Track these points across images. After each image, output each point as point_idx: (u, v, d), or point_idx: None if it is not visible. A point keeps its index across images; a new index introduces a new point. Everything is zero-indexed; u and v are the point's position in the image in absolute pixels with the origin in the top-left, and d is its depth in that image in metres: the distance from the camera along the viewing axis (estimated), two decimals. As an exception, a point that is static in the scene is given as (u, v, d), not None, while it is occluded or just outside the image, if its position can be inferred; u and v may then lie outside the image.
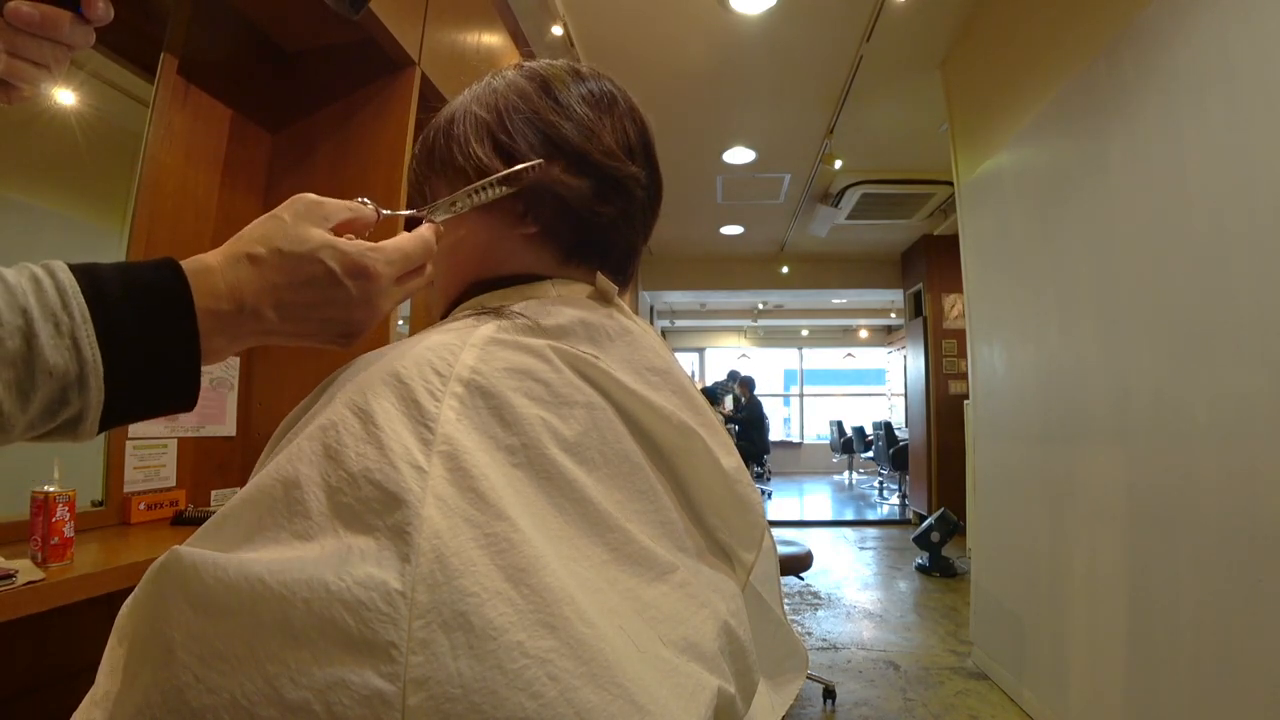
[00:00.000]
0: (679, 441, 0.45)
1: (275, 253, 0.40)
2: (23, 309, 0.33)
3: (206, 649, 0.28)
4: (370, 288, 0.43)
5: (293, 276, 0.40)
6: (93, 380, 0.34)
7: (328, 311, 0.42)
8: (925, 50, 3.21)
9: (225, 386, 1.74)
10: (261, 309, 0.40)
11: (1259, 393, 1.42)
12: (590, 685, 0.29)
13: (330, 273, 0.41)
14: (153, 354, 0.37)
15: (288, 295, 0.40)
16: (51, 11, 0.41)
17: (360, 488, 0.31)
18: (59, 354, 0.33)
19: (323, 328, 0.43)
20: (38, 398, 0.33)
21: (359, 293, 0.42)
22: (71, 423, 0.35)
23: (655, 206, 0.57)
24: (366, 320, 0.44)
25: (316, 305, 0.41)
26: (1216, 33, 1.54)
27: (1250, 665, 1.42)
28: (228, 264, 0.40)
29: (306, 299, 0.41)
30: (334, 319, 0.43)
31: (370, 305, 0.43)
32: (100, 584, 1.03)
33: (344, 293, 0.42)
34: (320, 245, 0.41)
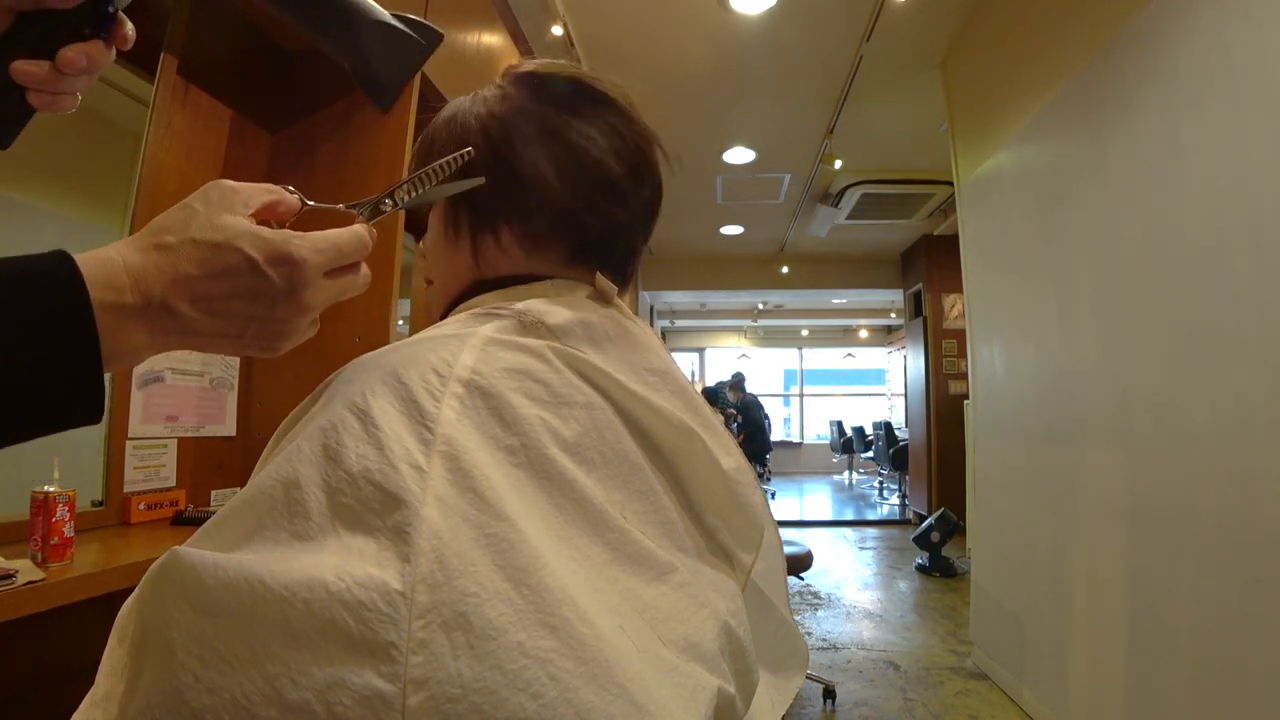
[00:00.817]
0: (679, 442, 0.45)
1: (188, 242, 0.37)
2: None
3: (206, 649, 0.28)
4: (295, 276, 0.39)
5: (208, 266, 0.37)
6: None
7: (250, 306, 0.38)
8: (925, 50, 3.21)
9: (225, 386, 1.74)
10: (174, 302, 0.36)
11: (1259, 392, 1.42)
12: (590, 685, 0.29)
13: (250, 260, 0.37)
14: (46, 353, 0.32)
15: (204, 287, 0.36)
16: (94, 50, 0.40)
17: (360, 488, 0.31)
18: None
19: (247, 326, 0.39)
20: None
21: (283, 282, 0.38)
22: None
23: (655, 208, 0.57)
24: (292, 316, 0.40)
25: (236, 297, 0.37)
26: (1216, 32, 1.54)
27: (1250, 665, 1.42)
28: (132, 253, 0.36)
29: (224, 290, 0.37)
30: (257, 315, 0.39)
31: (295, 297, 0.39)
32: (100, 584, 1.03)
33: (266, 283, 0.38)
34: (239, 233, 0.38)
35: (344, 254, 0.41)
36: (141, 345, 0.36)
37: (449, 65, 1.95)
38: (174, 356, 1.59)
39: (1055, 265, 2.29)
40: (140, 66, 1.48)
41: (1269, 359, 1.39)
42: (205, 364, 1.68)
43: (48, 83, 0.40)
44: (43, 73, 0.39)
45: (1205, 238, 1.58)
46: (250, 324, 0.39)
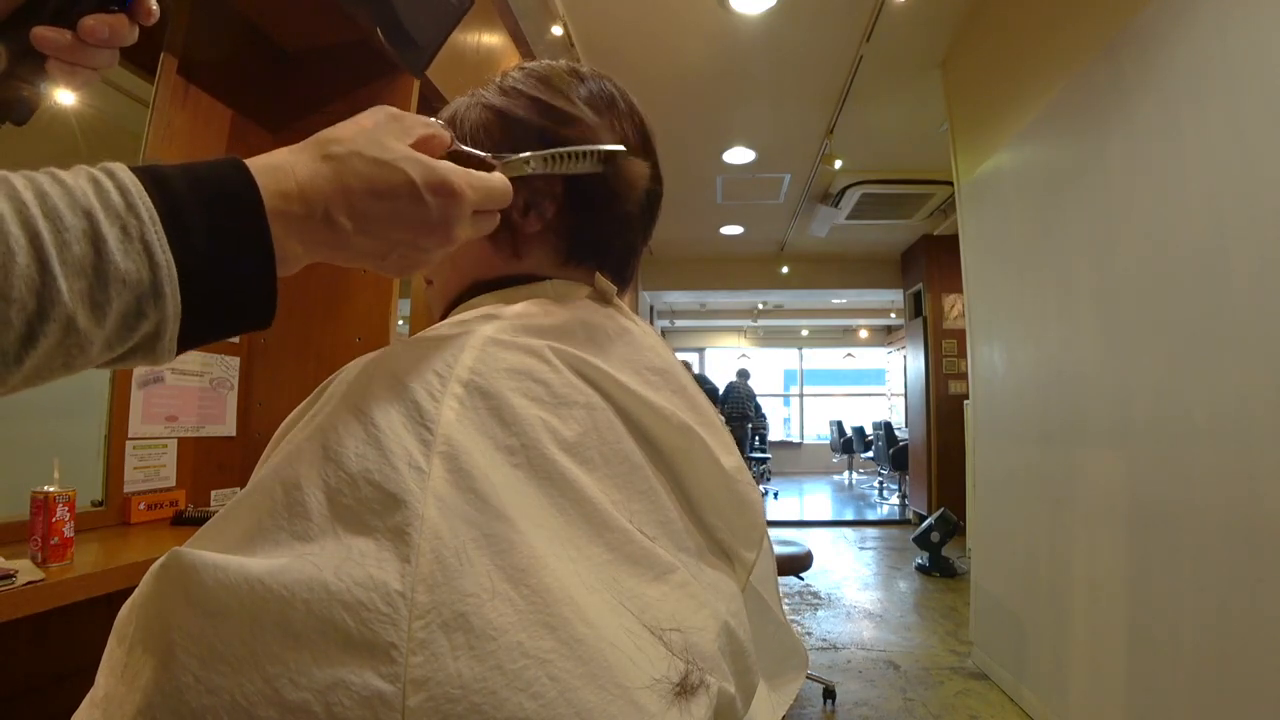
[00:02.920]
0: (679, 442, 0.45)
1: (355, 155, 0.37)
2: (85, 210, 0.29)
3: (206, 650, 0.28)
4: (451, 207, 0.39)
5: (372, 183, 0.37)
6: (168, 289, 0.31)
7: (402, 229, 0.39)
8: (925, 50, 3.21)
9: (225, 386, 1.74)
10: (335, 215, 0.36)
11: (1259, 392, 1.42)
12: (590, 685, 0.29)
13: (412, 184, 0.38)
14: (225, 260, 0.33)
15: (365, 204, 0.37)
16: (117, 22, 0.41)
17: (360, 489, 0.31)
18: (130, 260, 0.30)
19: (393, 249, 0.39)
20: (113, 311, 0.30)
21: (439, 212, 0.39)
22: (149, 340, 0.32)
23: (655, 207, 0.57)
24: (438, 246, 0.41)
25: (393, 220, 0.38)
26: (1216, 32, 1.54)
27: (1250, 665, 1.42)
28: (300, 162, 0.36)
29: (384, 211, 0.38)
30: (405, 240, 0.39)
31: (447, 229, 0.40)
32: (100, 584, 1.03)
33: (423, 209, 0.38)
34: (404, 155, 0.38)
35: (492, 198, 0.42)
36: (298, 256, 0.36)
37: (448, 66, 1.95)
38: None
39: (1055, 265, 2.29)
40: (140, 66, 1.48)
41: (1269, 359, 1.39)
42: (205, 364, 1.68)
43: (68, 52, 0.40)
44: (64, 41, 0.39)
45: (1205, 237, 1.58)
46: (396, 247, 0.39)
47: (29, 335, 0.28)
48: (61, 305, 0.28)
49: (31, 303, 0.28)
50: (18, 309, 0.28)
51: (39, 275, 0.28)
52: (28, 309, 0.28)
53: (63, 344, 0.29)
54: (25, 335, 0.28)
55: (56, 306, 0.28)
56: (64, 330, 0.29)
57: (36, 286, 0.28)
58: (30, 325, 0.28)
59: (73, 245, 0.29)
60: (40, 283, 0.28)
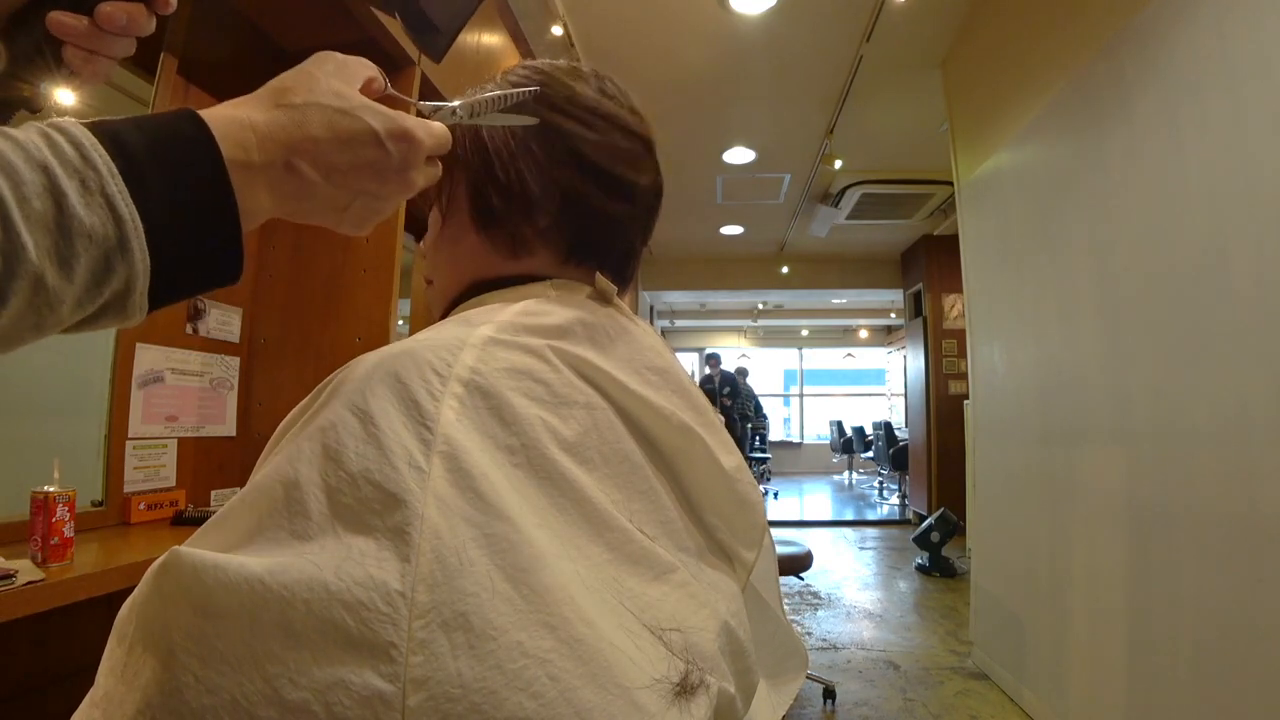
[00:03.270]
0: (679, 442, 0.45)
1: (314, 105, 0.37)
2: (41, 164, 0.28)
3: (206, 649, 0.28)
4: (410, 154, 0.40)
5: (335, 132, 0.37)
6: (135, 243, 0.30)
7: (364, 178, 0.39)
8: (925, 50, 3.21)
9: (225, 386, 1.74)
10: (297, 162, 0.36)
11: (1258, 393, 1.42)
12: (590, 685, 0.29)
13: (374, 132, 0.38)
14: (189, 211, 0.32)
15: (327, 152, 0.37)
16: (135, 9, 0.40)
17: (360, 488, 0.31)
18: (93, 214, 0.29)
19: (354, 198, 0.39)
20: (81, 267, 0.29)
21: (399, 159, 0.39)
22: (119, 297, 0.31)
23: (656, 207, 0.57)
24: (397, 193, 0.41)
25: (356, 168, 0.38)
26: (1216, 32, 1.54)
27: (1250, 665, 1.42)
28: (256, 112, 0.35)
29: (346, 160, 0.37)
30: (368, 190, 0.39)
31: (405, 175, 0.40)
32: (100, 584, 1.03)
33: (385, 156, 0.38)
34: (362, 104, 0.38)
35: (442, 144, 0.42)
36: (264, 207, 0.36)
37: (448, 65, 1.95)
38: (173, 356, 1.59)
39: (1055, 265, 2.29)
40: (140, 66, 1.48)
41: (1269, 359, 1.39)
42: (205, 365, 1.68)
43: (85, 38, 0.40)
44: (81, 26, 0.39)
45: (1205, 237, 1.58)
46: (358, 197, 0.39)
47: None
48: (28, 263, 0.28)
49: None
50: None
51: (2, 232, 0.27)
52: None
53: (32, 304, 0.28)
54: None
55: (23, 264, 0.27)
56: (33, 289, 0.28)
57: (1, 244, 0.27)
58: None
59: (32, 200, 0.28)
60: (4, 239, 0.27)
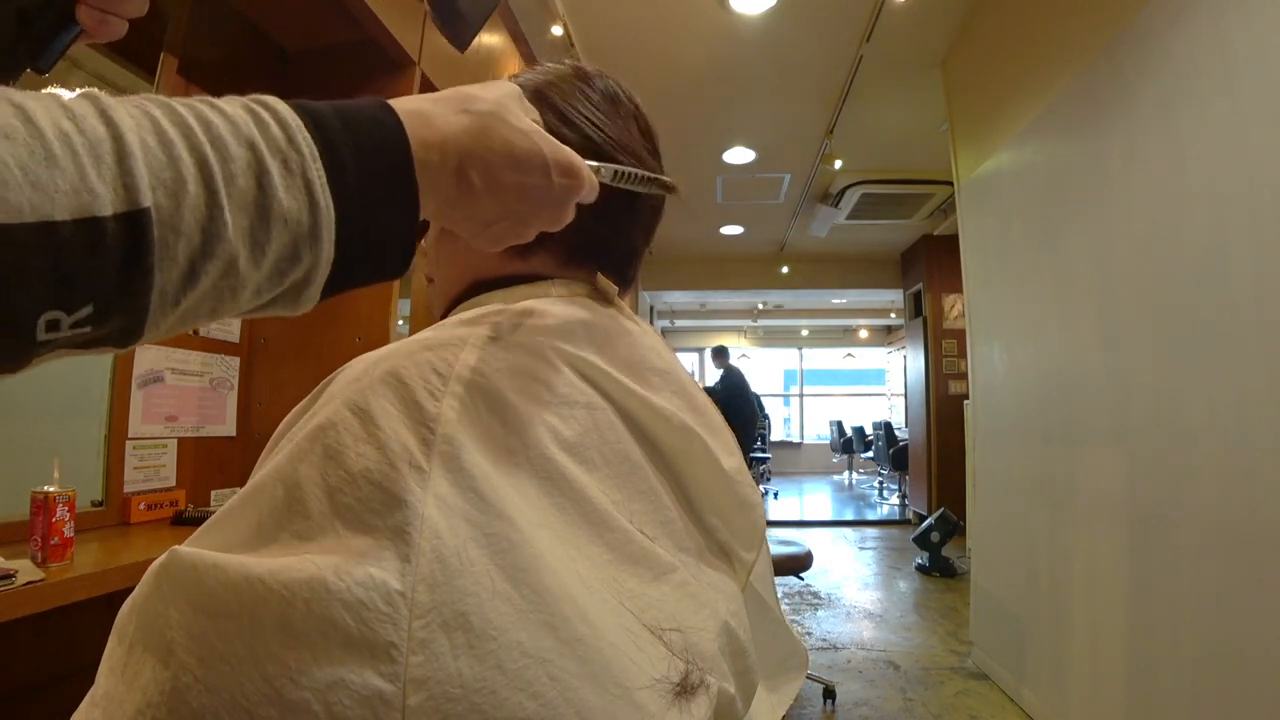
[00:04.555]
0: (679, 442, 0.45)
1: (495, 117, 0.36)
2: (249, 141, 0.28)
3: (206, 649, 0.28)
4: (572, 189, 0.39)
5: (511, 150, 0.36)
6: (325, 233, 0.29)
7: (525, 201, 0.38)
8: (925, 50, 3.21)
9: (225, 386, 1.74)
10: (469, 172, 0.35)
11: (1258, 392, 1.42)
12: (590, 685, 0.29)
13: (544, 159, 0.37)
14: (376, 205, 0.31)
15: (500, 167, 0.36)
16: None
17: (360, 488, 0.31)
18: (292, 198, 0.28)
19: (505, 217, 0.38)
20: (271, 252, 0.28)
21: (560, 194, 0.38)
22: (297, 287, 0.30)
23: (659, 208, 0.57)
24: (545, 224, 0.40)
25: (520, 190, 0.37)
26: (1216, 32, 1.54)
27: (1250, 664, 1.42)
28: (441, 113, 0.35)
29: (513, 181, 0.36)
30: (520, 214, 0.38)
31: (560, 210, 0.39)
32: (100, 584, 1.03)
33: (548, 185, 0.38)
34: (536, 129, 0.38)
35: (593, 193, 0.42)
36: (425, 209, 0.35)
37: (448, 66, 1.95)
38: (173, 356, 1.59)
39: (1055, 265, 2.29)
40: (140, 66, 1.48)
41: (1269, 359, 1.39)
42: (205, 364, 1.68)
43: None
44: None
45: (1205, 237, 1.58)
46: (509, 217, 0.38)
47: (191, 273, 0.26)
48: (226, 242, 0.27)
49: (197, 238, 0.26)
50: (185, 244, 0.25)
51: (207, 208, 0.26)
52: (193, 244, 0.26)
53: (218, 286, 0.27)
54: (188, 273, 0.26)
55: (222, 243, 0.26)
56: (224, 270, 0.27)
57: (204, 220, 0.26)
58: (193, 263, 0.26)
59: (238, 178, 0.27)
60: (208, 216, 0.26)
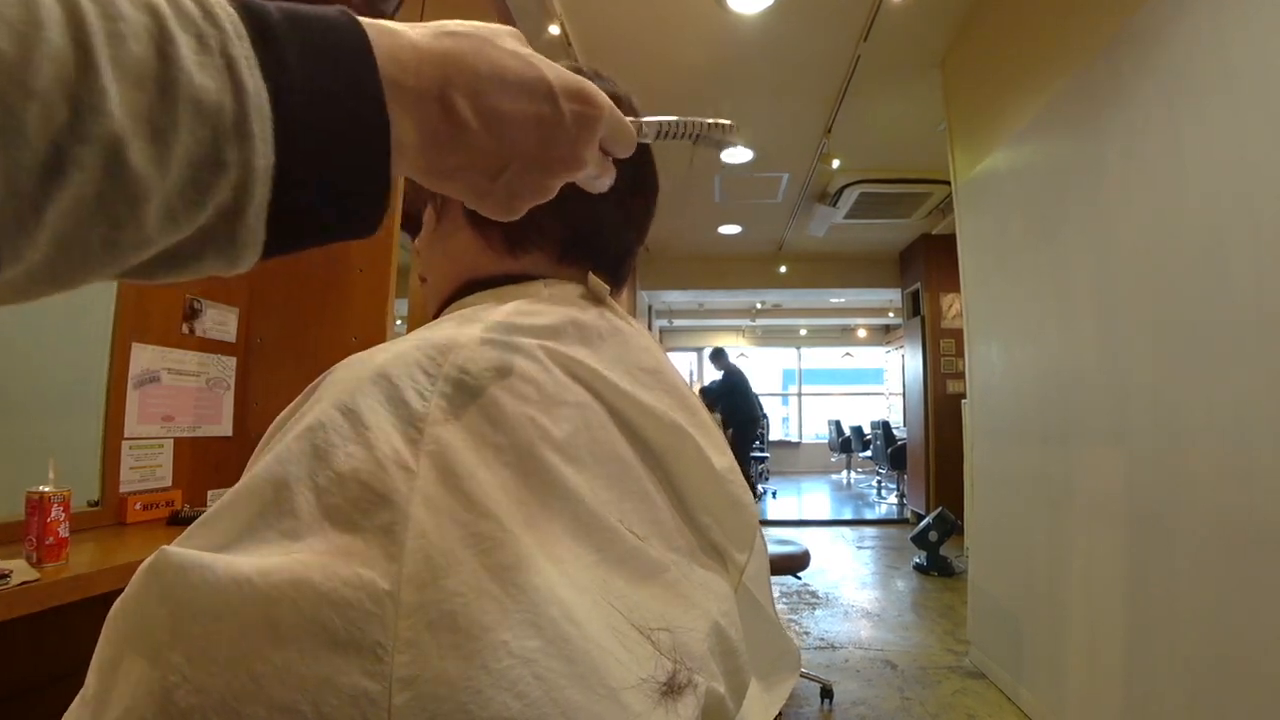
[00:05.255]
0: (670, 441, 0.45)
1: (481, 39, 0.31)
2: (148, 5, 0.21)
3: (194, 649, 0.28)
4: (587, 118, 0.33)
5: (502, 71, 0.31)
6: (256, 127, 0.22)
7: (530, 134, 0.32)
8: (923, 49, 3.22)
9: (221, 387, 1.74)
10: (454, 98, 0.29)
11: (1257, 392, 1.42)
12: (576, 685, 0.29)
13: (547, 82, 0.32)
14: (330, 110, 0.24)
15: (492, 92, 0.30)
16: None
17: (348, 488, 0.31)
18: (209, 76, 0.21)
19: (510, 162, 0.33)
20: (179, 146, 0.21)
21: (573, 121, 0.33)
22: (227, 216, 0.23)
23: (651, 207, 0.57)
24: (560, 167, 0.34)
25: (521, 121, 0.31)
26: (1214, 32, 1.54)
27: (1247, 664, 1.42)
28: (416, 32, 0.29)
29: (512, 109, 0.31)
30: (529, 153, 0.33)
31: (576, 145, 0.34)
32: (96, 584, 1.03)
33: (556, 115, 0.32)
34: (534, 54, 0.33)
35: (624, 133, 0.37)
36: (408, 144, 0.29)
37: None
38: (169, 356, 1.59)
39: (1053, 265, 2.29)
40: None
41: (1267, 359, 1.39)
42: (202, 364, 1.68)
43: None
44: None
45: (1203, 236, 1.58)
46: (515, 161, 0.33)
47: (55, 161, 0.19)
48: (106, 119, 0.19)
49: (62, 108, 0.18)
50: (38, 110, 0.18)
51: (76, 68, 0.19)
52: (55, 115, 0.18)
53: (105, 192, 0.20)
54: (50, 160, 0.19)
55: (100, 120, 0.19)
56: (108, 163, 0.20)
57: (70, 81, 0.19)
58: (57, 145, 0.19)
59: (128, 41, 0.20)
60: (77, 79, 0.19)
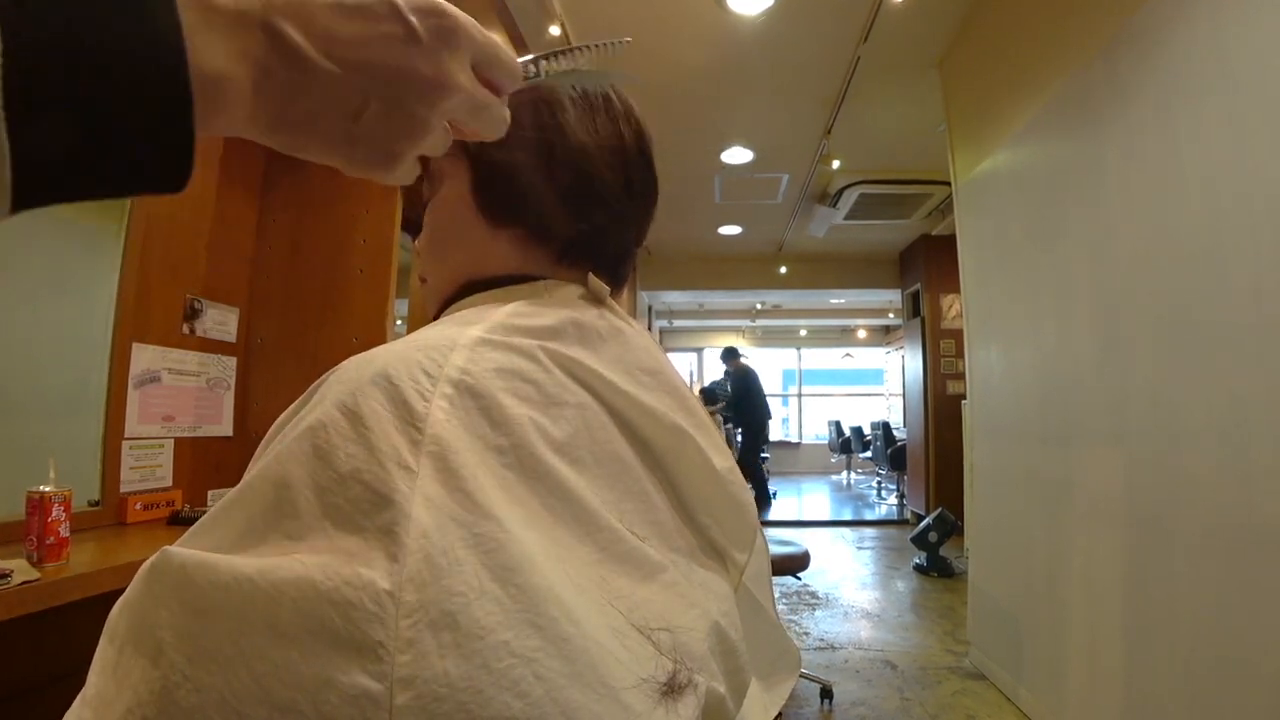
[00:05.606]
0: (670, 442, 0.45)
1: None
2: None
3: (195, 648, 0.28)
4: (445, 29, 0.30)
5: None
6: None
7: (382, 58, 0.29)
8: (923, 50, 3.22)
9: (222, 387, 1.74)
10: (281, 26, 0.26)
11: (1255, 392, 1.42)
12: (576, 685, 0.29)
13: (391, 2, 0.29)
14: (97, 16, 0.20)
15: (325, 16, 0.27)
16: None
17: (349, 488, 0.31)
18: None
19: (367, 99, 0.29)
20: None
21: (428, 35, 0.30)
22: None
23: (650, 209, 0.57)
24: (429, 90, 0.31)
25: (367, 42, 0.28)
26: (1213, 33, 1.54)
27: (1246, 665, 1.43)
28: None
29: (352, 32, 0.28)
30: (386, 83, 0.29)
31: (439, 58, 0.30)
32: (96, 584, 1.03)
33: (408, 29, 0.29)
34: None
35: (499, 57, 0.34)
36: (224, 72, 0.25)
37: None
38: (170, 356, 1.59)
39: (1052, 266, 2.29)
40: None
41: (1265, 359, 1.40)
42: (202, 364, 1.68)
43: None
44: None
45: (1202, 237, 1.58)
46: (374, 100, 0.29)
47: None
48: None
49: None
50: None
51: None
52: None
53: None
54: None
55: None
56: None
57: None
58: None
59: None
60: None
